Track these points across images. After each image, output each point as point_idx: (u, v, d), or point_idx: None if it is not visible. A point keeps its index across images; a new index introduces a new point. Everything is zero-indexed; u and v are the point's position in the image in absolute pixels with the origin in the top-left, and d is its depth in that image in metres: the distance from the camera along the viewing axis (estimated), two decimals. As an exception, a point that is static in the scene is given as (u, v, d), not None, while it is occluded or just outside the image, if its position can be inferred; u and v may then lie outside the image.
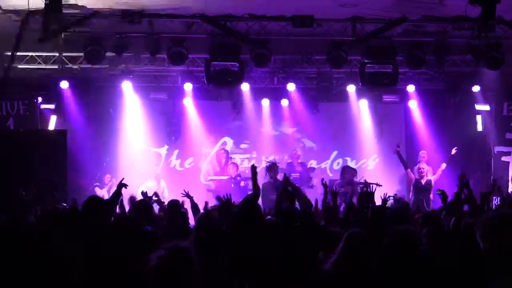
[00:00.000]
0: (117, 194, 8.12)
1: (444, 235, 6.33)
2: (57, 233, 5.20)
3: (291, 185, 8.96)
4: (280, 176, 13.24)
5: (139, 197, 9.55)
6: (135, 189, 14.84)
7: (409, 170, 14.53)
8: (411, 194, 14.48)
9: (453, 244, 6.02)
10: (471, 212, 7.36)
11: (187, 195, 9.23)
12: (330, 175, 16.47)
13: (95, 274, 4.27)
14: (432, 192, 14.07)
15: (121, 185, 8.24)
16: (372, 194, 8.59)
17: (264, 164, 14.29)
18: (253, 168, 7.83)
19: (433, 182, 14.19)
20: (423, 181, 14.17)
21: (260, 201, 8.52)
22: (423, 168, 14.33)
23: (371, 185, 9.12)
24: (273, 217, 7.19)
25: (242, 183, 14.82)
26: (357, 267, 5.13)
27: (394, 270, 5.15)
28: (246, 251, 5.86)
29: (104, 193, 14.50)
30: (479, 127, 16.12)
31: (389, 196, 8.60)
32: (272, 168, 13.58)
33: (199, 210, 8.89)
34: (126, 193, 9.66)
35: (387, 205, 8.19)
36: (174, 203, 8.63)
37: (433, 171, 14.79)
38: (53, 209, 7.75)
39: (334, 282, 5.16)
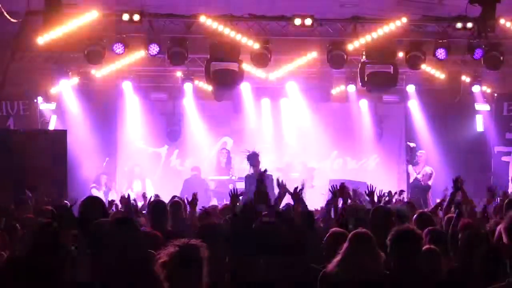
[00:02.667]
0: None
1: (444, 236, 6.32)
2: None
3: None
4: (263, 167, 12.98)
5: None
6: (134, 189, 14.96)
7: (410, 166, 14.58)
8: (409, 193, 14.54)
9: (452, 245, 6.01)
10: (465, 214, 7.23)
11: (193, 200, 8.87)
12: (330, 175, 16.48)
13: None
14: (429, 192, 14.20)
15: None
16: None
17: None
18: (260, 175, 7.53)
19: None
20: (423, 182, 14.22)
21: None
22: (428, 171, 14.48)
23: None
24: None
25: (230, 186, 14.72)
26: (361, 268, 5.12)
27: (399, 270, 5.14)
28: (244, 252, 5.85)
29: (100, 195, 14.48)
30: (479, 127, 16.13)
31: (384, 193, 8.54)
32: (252, 158, 12.73)
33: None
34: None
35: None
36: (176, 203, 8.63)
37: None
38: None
39: (337, 283, 5.15)
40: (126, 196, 8.55)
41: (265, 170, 8.85)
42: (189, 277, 3.79)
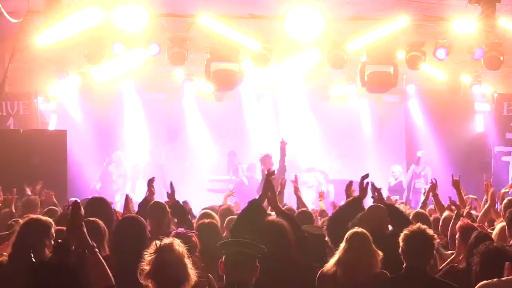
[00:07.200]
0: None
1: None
2: None
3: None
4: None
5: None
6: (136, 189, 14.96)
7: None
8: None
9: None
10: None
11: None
12: (330, 175, 16.49)
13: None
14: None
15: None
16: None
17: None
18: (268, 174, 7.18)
19: (405, 182, 14.58)
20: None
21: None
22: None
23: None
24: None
25: (230, 186, 14.69)
26: (359, 267, 5.11)
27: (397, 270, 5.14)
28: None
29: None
30: (479, 127, 16.14)
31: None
32: (264, 159, 12.95)
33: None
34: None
35: None
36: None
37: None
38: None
39: (335, 282, 5.15)
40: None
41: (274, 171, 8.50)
42: (169, 275, 3.90)
